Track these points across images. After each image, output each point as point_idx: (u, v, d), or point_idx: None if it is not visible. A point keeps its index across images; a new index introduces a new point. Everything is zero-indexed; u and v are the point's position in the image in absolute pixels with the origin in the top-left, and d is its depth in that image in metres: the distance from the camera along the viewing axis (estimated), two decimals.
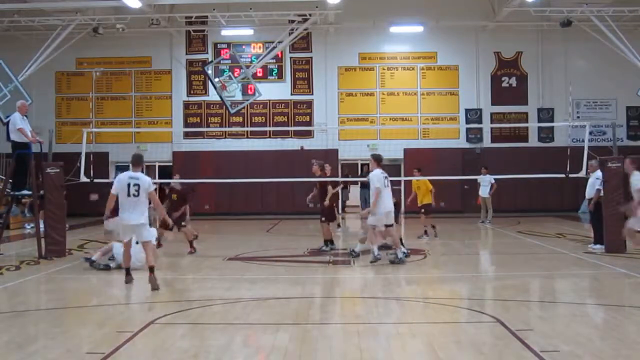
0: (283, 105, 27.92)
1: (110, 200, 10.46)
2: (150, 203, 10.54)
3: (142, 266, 11.12)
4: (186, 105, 28.15)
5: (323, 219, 14.74)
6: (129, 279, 10.47)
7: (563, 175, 16.29)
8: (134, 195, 10.16)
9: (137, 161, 10.56)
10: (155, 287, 9.93)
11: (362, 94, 27.95)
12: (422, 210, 17.66)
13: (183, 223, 14.83)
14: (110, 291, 10.42)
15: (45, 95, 27.44)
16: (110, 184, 10.94)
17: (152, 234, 11.99)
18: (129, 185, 10.19)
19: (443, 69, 27.91)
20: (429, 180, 17.82)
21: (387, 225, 12.58)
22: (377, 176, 12.53)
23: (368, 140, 27.09)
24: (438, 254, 14.26)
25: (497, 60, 27.84)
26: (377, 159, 12.91)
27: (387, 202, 12.54)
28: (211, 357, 6.35)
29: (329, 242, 14.77)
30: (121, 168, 26.74)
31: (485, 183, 21.67)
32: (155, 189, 10.95)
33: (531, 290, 10.55)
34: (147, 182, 10.31)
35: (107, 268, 11.88)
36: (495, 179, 21.24)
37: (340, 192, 27.56)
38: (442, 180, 23.54)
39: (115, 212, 10.66)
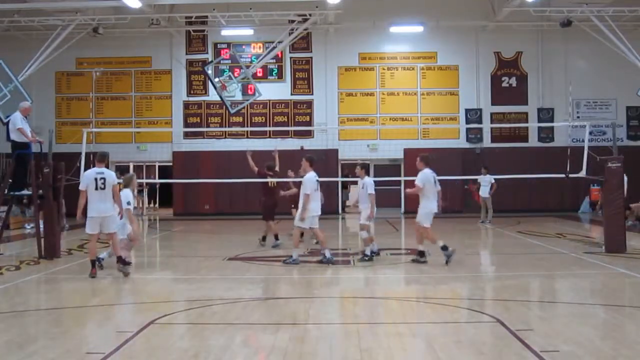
0: (283, 105, 27.92)
1: (81, 197, 11.20)
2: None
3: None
4: (186, 105, 28.15)
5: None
6: (94, 274, 11.07)
7: (563, 176, 16.30)
8: (100, 188, 11.04)
9: (102, 158, 11.54)
10: (126, 273, 11.08)
11: (362, 94, 27.95)
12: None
13: None
14: (110, 291, 10.41)
15: (45, 95, 27.43)
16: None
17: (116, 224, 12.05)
18: (96, 179, 11.07)
19: (443, 69, 27.91)
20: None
21: (311, 227, 12.73)
22: (310, 181, 12.51)
23: (368, 140, 27.12)
24: (438, 254, 14.25)
25: (497, 60, 27.84)
26: (311, 161, 12.92)
27: (316, 206, 12.66)
28: (211, 357, 6.35)
29: (265, 237, 15.87)
30: (121, 168, 26.80)
31: (486, 183, 21.68)
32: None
33: (531, 290, 10.55)
34: (113, 176, 11.27)
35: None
36: (495, 179, 21.25)
37: (340, 191, 27.79)
38: (441, 180, 23.57)
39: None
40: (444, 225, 21.49)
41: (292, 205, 17.16)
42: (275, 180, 16.07)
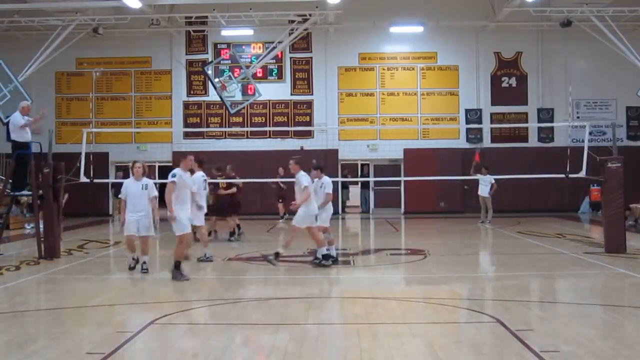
0: (283, 105, 27.91)
1: None
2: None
3: None
4: (186, 106, 28.13)
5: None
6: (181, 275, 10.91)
7: (563, 176, 16.29)
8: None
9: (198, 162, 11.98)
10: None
11: (362, 94, 27.93)
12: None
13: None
14: (110, 291, 10.42)
15: (45, 95, 27.41)
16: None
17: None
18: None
19: (443, 69, 27.89)
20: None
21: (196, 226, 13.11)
22: (197, 180, 13.06)
23: (368, 141, 27.10)
24: (438, 254, 14.27)
25: (497, 60, 27.83)
26: (200, 162, 13.60)
27: (200, 203, 13.08)
28: (211, 358, 6.36)
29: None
30: (121, 169, 26.78)
31: (486, 183, 21.65)
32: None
33: (531, 291, 10.55)
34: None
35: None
36: (495, 179, 21.22)
37: (340, 192, 27.77)
38: (442, 181, 23.62)
39: None
40: (445, 226, 21.50)
41: (280, 200, 20.54)
42: (225, 181, 17.47)
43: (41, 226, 14.00)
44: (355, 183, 29.30)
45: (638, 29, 25.66)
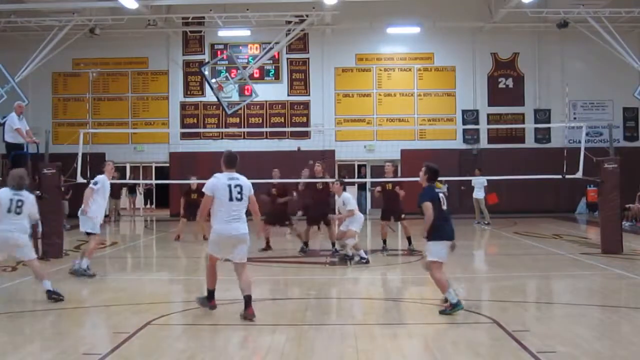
0: (280, 106, 27.91)
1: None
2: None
3: None
4: (183, 106, 28.12)
5: None
6: (213, 305, 8.54)
7: (559, 176, 16.31)
8: (237, 199, 8.38)
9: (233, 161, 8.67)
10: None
11: (359, 94, 27.94)
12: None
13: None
14: (107, 292, 10.39)
15: (42, 95, 27.39)
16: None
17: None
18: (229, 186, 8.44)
19: (440, 70, 27.93)
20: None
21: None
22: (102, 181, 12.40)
23: (365, 141, 27.10)
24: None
25: (494, 61, 27.86)
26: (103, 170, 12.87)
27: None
28: (208, 358, 6.35)
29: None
30: (119, 169, 26.75)
31: (479, 185, 21.66)
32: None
33: (528, 291, 10.56)
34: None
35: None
36: (490, 180, 21.20)
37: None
38: (440, 181, 23.55)
39: None
40: None
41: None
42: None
43: (39, 227, 13.95)
44: (352, 184, 29.29)
45: (634, 30, 25.74)
